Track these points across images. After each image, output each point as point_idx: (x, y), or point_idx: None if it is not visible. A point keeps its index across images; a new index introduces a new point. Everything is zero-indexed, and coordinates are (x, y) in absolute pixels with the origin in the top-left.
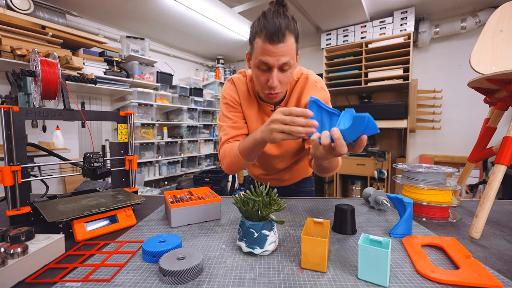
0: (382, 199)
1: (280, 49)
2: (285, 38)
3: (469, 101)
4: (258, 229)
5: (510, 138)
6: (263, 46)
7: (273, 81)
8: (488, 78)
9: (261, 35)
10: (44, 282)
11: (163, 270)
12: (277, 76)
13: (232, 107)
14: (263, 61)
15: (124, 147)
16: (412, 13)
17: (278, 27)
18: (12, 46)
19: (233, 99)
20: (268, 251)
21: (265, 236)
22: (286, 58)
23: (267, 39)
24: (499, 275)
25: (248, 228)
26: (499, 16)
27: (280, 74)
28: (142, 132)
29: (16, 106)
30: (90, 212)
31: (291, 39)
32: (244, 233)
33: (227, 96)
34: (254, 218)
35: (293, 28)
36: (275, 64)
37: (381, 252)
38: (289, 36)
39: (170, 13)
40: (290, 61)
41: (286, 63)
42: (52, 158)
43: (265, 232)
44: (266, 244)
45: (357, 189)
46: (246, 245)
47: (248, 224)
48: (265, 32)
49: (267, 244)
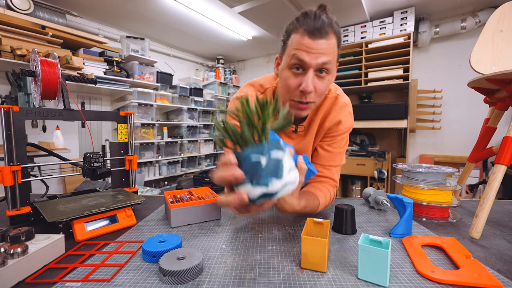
0: (382, 199)
1: (321, 46)
2: (328, 34)
3: (469, 101)
4: (265, 152)
5: (510, 138)
6: (301, 41)
7: (308, 84)
8: (488, 78)
9: (300, 29)
10: (44, 282)
11: (163, 270)
12: (312, 80)
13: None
14: (298, 57)
15: (124, 147)
16: (412, 13)
17: (322, 22)
18: (12, 46)
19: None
20: (292, 183)
21: (278, 161)
22: (326, 57)
23: (306, 32)
24: (499, 275)
25: (248, 157)
26: (499, 16)
27: (316, 79)
28: (142, 132)
29: (16, 106)
30: (90, 212)
31: (334, 40)
32: (245, 168)
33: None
34: (245, 140)
35: (337, 30)
36: (313, 63)
37: (381, 252)
38: (332, 34)
39: (170, 13)
40: (330, 63)
41: (325, 64)
42: (52, 158)
43: (277, 155)
44: (285, 171)
45: (357, 189)
46: (252, 184)
47: (247, 152)
48: (305, 26)
49: (286, 171)
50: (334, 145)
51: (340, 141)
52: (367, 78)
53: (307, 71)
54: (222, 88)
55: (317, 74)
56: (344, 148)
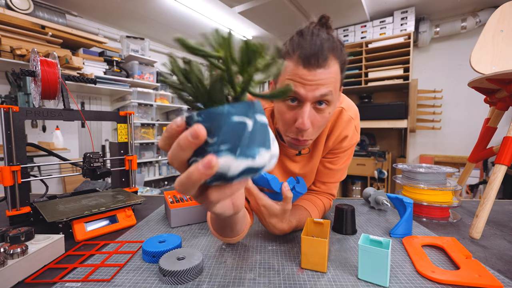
0: (382, 199)
1: (319, 77)
2: (326, 62)
3: (469, 101)
4: (251, 112)
5: (510, 138)
6: (295, 71)
7: (304, 120)
8: (489, 78)
9: (294, 55)
10: (44, 282)
11: (163, 270)
12: (309, 115)
13: None
14: (292, 91)
15: (124, 147)
16: (412, 13)
17: (319, 47)
18: (12, 46)
19: None
20: (276, 156)
21: (265, 126)
22: (325, 89)
23: (301, 61)
24: (500, 275)
25: (228, 117)
26: (499, 16)
27: (313, 113)
28: (142, 132)
29: (16, 106)
30: (90, 212)
31: (335, 66)
32: (222, 134)
33: None
34: (214, 100)
35: (339, 53)
36: (309, 96)
37: (381, 252)
38: (332, 61)
39: (170, 13)
40: (330, 94)
41: (325, 95)
42: (52, 158)
43: (262, 119)
44: (271, 140)
45: (357, 189)
46: (236, 154)
47: (226, 109)
48: (299, 52)
49: (272, 140)
50: (335, 162)
51: (343, 157)
52: (367, 78)
53: (303, 105)
54: None
55: (316, 107)
56: (347, 163)
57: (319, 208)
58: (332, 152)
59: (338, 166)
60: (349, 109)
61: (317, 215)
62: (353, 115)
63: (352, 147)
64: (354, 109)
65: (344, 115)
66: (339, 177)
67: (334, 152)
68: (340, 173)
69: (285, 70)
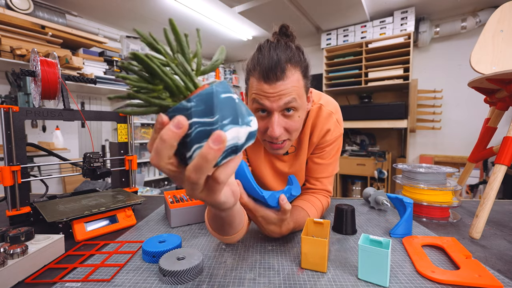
0: (382, 199)
1: (280, 88)
2: (285, 74)
3: (469, 101)
4: (230, 90)
5: (510, 138)
6: (258, 86)
7: (273, 129)
8: (489, 78)
9: (255, 73)
10: (44, 282)
11: (163, 270)
12: (279, 122)
13: None
14: (259, 103)
15: (124, 147)
16: (412, 13)
17: (276, 61)
18: (11, 46)
19: None
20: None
21: (240, 99)
22: (288, 97)
23: (261, 77)
24: (500, 275)
25: (219, 95)
26: (499, 16)
27: (283, 119)
28: (142, 132)
29: (16, 106)
30: (90, 212)
31: (295, 74)
32: (219, 110)
33: None
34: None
35: (298, 60)
36: (274, 106)
37: (381, 252)
38: (291, 70)
39: (170, 13)
40: (294, 101)
41: (289, 103)
42: (52, 158)
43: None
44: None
45: (357, 189)
46: (239, 123)
47: (215, 89)
48: (259, 69)
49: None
50: (323, 156)
51: (330, 151)
52: (367, 78)
53: (272, 115)
54: None
55: (284, 114)
56: (336, 156)
57: (317, 207)
58: (319, 148)
59: (327, 160)
60: (328, 104)
61: (315, 214)
62: (333, 109)
63: (337, 140)
64: (333, 104)
65: (323, 110)
66: (331, 171)
67: (320, 147)
68: (331, 167)
69: (251, 86)
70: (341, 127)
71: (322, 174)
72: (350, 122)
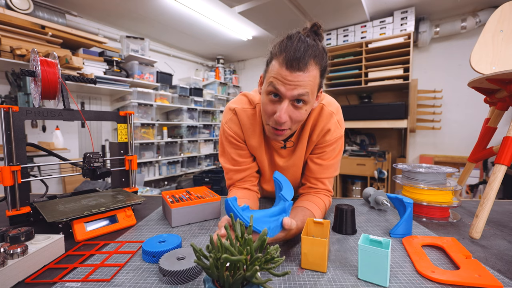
0: (382, 199)
1: (298, 79)
2: (306, 67)
3: (469, 101)
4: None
5: (510, 138)
6: (279, 71)
7: (280, 115)
8: (488, 78)
9: (280, 57)
10: (44, 282)
11: (163, 270)
12: (287, 110)
13: (235, 144)
14: (275, 86)
15: (124, 147)
16: (412, 13)
17: (303, 53)
18: (11, 46)
19: (235, 135)
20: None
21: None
22: (303, 89)
23: (285, 63)
24: (499, 275)
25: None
26: (499, 16)
27: (291, 108)
28: (142, 132)
29: (15, 106)
30: (90, 212)
31: (315, 71)
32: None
33: (228, 131)
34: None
35: (320, 60)
36: (288, 94)
37: (381, 252)
38: (313, 66)
39: (170, 13)
40: (307, 95)
41: (302, 95)
42: (52, 158)
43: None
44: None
45: (357, 189)
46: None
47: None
48: (284, 55)
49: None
50: (324, 157)
51: (330, 152)
52: (367, 78)
53: (283, 101)
54: (222, 88)
55: (293, 104)
56: (336, 159)
57: (321, 207)
58: (318, 147)
59: (327, 161)
60: (330, 105)
61: (320, 214)
62: (334, 110)
63: (337, 142)
64: (335, 105)
65: (325, 110)
66: (331, 173)
67: (320, 147)
68: (332, 169)
69: (272, 69)
70: (341, 128)
71: (322, 175)
72: (350, 122)
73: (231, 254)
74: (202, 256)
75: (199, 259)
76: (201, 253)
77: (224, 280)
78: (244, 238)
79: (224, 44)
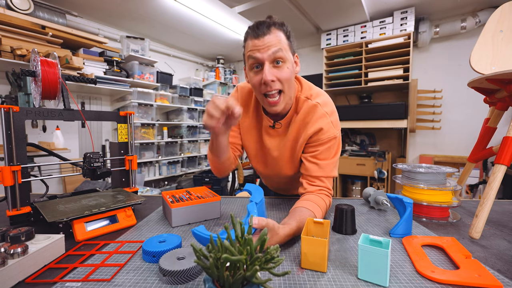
0: (382, 199)
1: (267, 40)
2: (269, 30)
3: (469, 101)
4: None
5: (510, 138)
6: (250, 44)
7: (266, 74)
8: (488, 78)
9: (247, 36)
10: (44, 282)
11: (163, 270)
12: (270, 71)
13: None
14: (252, 56)
15: (124, 147)
16: (412, 13)
17: (263, 21)
18: (12, 46)
19: None
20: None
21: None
22: (274, 47)
23: (252, 36)
24: (499, 275)
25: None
26: (499, 16)
27: (274, 70)
28: (142, 132)
29: (16, 106)
30: (90, 212)
31: (279, 33)
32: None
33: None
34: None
35: (281, 26)
36: (265, 56)
37: (381, 252)
38: (275, 29)
39: (170, 13)
40: (281, 51)
41: (276, 52)
42: (52, 158)
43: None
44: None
45: (357, 189)
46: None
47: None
48: (250, 31)
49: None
50: (319, 156)
51: (325, 152)
52: (367, 78)
53: (264, 65)
54: (222, 88)
55: (274, 65)
56: (333, 159)
57: (321, 206)
58: (311, 145)
59: (323, 161)
60: (325, 106)
61: (320, 214)
62: (328, 111)
63: (331, 141)
64: (331, 107)
65: (318, 109)
66: (329, 172)
67: (313, 145)
68: (329, 168)
69: (246, 48)
70: (335, 129)
71: (319, 173)
72: (350, 122)
73: (231, 254)
74: (202, 256)
75: (199, 259)
76: (201, 253)
77: (224, 280)
78: (244, 238)
79: (224, 44)
